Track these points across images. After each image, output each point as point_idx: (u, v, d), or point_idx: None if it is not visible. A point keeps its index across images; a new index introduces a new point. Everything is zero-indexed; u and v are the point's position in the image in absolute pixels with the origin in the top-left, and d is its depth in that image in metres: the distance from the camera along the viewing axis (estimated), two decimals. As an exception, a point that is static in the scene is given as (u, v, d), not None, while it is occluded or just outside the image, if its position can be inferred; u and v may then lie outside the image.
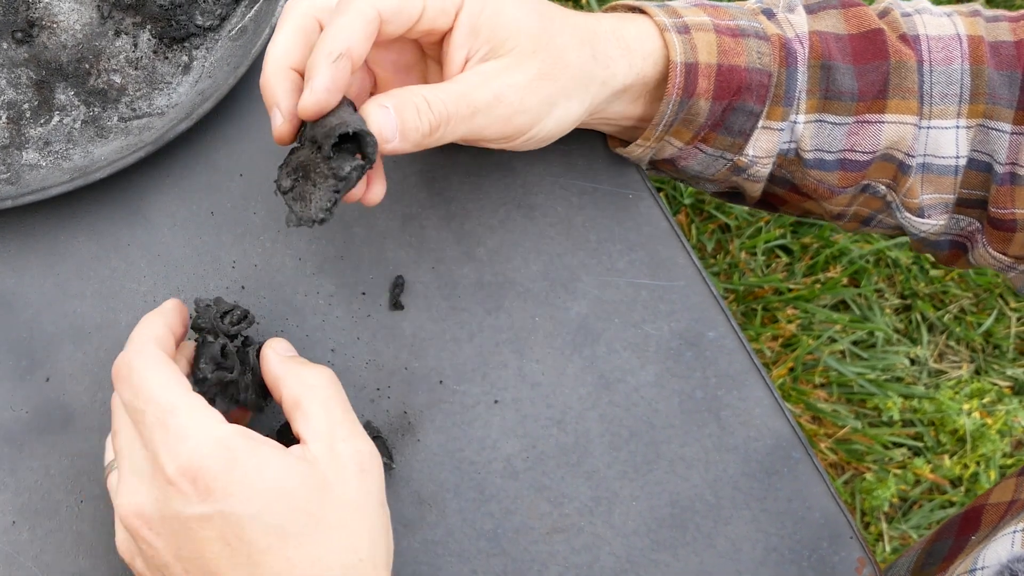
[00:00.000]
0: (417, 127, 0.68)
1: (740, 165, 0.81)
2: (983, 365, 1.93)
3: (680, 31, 0.76)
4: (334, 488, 0.65)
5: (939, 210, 0.83)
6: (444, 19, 0.70)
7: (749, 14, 0.79)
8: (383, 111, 0.67)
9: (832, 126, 0.79)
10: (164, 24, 0.84)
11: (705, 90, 0.76)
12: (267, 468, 0.63)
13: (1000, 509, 0.86)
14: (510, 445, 0.79)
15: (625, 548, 0.78)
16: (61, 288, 0.79)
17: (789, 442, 0.81)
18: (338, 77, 0.66)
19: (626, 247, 0.83)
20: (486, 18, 0.70)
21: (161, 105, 0.83)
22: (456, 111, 0.69)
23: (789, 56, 0.78)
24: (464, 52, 0.71)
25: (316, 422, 0.67)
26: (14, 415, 0.76)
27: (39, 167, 0.80)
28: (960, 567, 0.77)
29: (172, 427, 0.63)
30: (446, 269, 0.81)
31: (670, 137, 0.79)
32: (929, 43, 0.80)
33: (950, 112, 0.80)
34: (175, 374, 0.66)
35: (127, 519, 0.65)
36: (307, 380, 0.68)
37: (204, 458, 0.62)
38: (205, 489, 0.62)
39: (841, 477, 1.82)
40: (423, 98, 0.68)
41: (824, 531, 0.80)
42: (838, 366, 1.86)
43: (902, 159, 0.80)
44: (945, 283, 1.95)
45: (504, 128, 0.71)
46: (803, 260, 1.92)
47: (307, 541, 0.63)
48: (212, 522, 0.62)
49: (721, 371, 0.81)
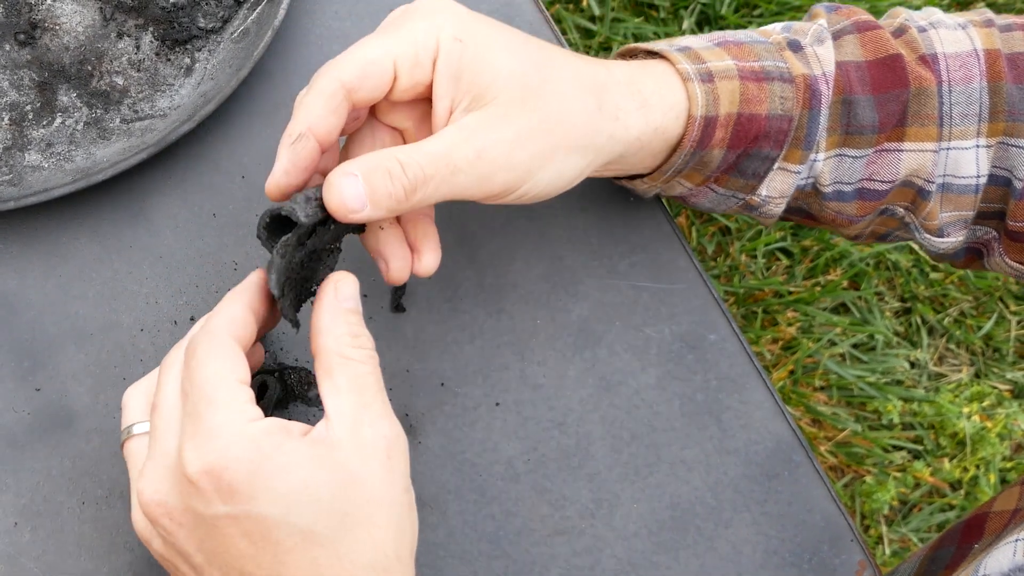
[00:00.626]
0: (390, 193, 0.64)
1: (752, 204, 0.79)
2: (983, 368, 1.93)
3: (704, 79, 0.73)
4: (361, 483, 0.62)
5: (958, 227, 0.83)
6: (421, 72, 0.67)
7: (775, 51, 0.76)
8: (349, 179, 0.64)
9: (852, 159, 0.78)
10: (166, 26, 0.84)
11: (721, 140, 0.74)
12: (295, 469, 0.61)
13: (1004, 517, 0.86)
14: (511, 447, 0.79)
15: (626, 550, 0.78)
16: (63, 289, 0.79)
17: (790, 445, 0.81)
18: (299, 159, 0.65)
19: (627, 250, 0.83)
20: (466, 63, 0.66)
21: (163, 107, 0.83)
22: (435, 172, 0.65)
23: (813, 98, 0.75)
24: (447, 102, 0.67)
25: (344, 400, 0.63)
26: (16, 416, 0.76)
27: (41, 169, 0.80)
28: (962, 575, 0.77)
29: (204, 420, 0.61)
30: (448, 271, 0.81)
31: (680, 179, 0.77)
32: (947, 62, 0.78)
33: (970, 132, 0.78)
34: (232, 365, 0.63)
35: (148, 506, 0.63)
36: (346, 349, 0.64)
37: (230, 459, 0.60)
38: (229, 490, 0.60)
39: (841, 480, 1.83)
40: (397, 162, 0.65)
41: (825, 534, 0.80)
42: (838, 369, 1.86)
43: (922, 185, 0.79)
44: (945, 286, 1.95)
45: (488, 187, 0.67)
46: (803, 263, 1.92)
47: (333, 540, 0.61)
48: (237, 521, 0.61)
49: (722, 374, 0.81)
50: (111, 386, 0.77)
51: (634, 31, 1.97)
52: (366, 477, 0.63)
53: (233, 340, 0.64)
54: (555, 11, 1.98)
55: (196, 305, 0.79)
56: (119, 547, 0.74)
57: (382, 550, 0.63)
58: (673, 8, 2.02)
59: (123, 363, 0.78)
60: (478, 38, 0.67)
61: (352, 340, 0.65)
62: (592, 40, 1.97)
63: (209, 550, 0.62)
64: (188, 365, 0.64)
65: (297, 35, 0.85)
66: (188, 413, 0.62)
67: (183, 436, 0.62)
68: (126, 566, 0.74)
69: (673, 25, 2.00)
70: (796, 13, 2.04)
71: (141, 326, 0.78)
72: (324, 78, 0.66)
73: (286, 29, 0.85)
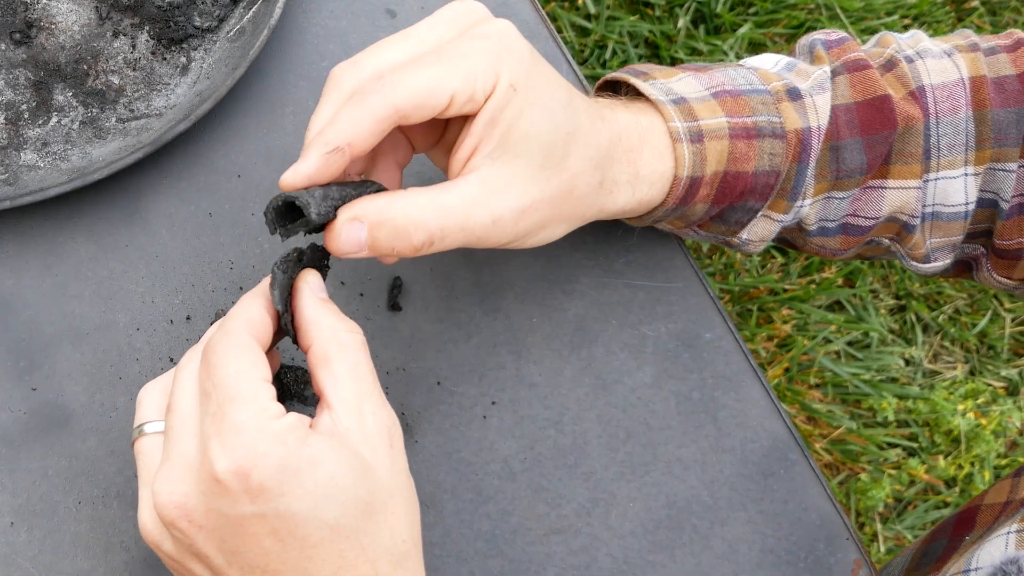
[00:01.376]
0: (392, 247, 0.65)
1: (733, 244, 0.80)
2: (977, 366, 1.94)
3: (693, 140, 0.73)
4: (373, 471, 0.62)
5: (946, 251, 0.83)
6: (472, 107, 0.66)
7: (771, 104, 0.76)
8: (355, 227, 0.65)
9: (839, 201, 0.79)
10: (162, 25, 0.84)
11: (705, 196, 0.75)
12: (321, 464, 0.61)
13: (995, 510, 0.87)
14: (508, 446, 0.79)
15: (622, 549, 0.78)
16: (59, 289, 0.79)
17: (785, 443, 0.81)
18: (329, 169, 0.64)
19: (623, 248, 0.83)
20: (508, 114, 0.66)
21: (159, 106, 0.83)
22: (447, 235, 0.65)
23: (803, 153, 0.75)
24: (475, 141, 0.66)
25: (344, 389, 0.63)
26: (12, 416, 0.76)
27: (37, 168, 0.80)
28: (953, 567, 0.77)
29: (229, 418, 0.60)
30: (444, 270, 0.81)
31: (661, 224, 0.79)
32: (935, 94, 0.78)
33: (958, 162, 0.79)
34: (252, 361, 0.62)
35: (165, 509, 0.62)
36: (340, 337, 0.64)
37: (258, 457, 0.60)
38: (258, 488, 0.60)
39: (836, 477, 1.83)
40: (409, 221, 0.65)
41: (820, 532, 0.80)
42: (833, 367, 1.86)
43: (906, 221, 0.80)
44: (940, 284, 1.95)
45: (492, 242, 0.68)
46: (798, 261, 1.92)
47: (356, 531, 0.62)
48: (265, 519, 0.60)
49: (718, 372, 0.82)
50: (107, 385, 0.77)
51: (630, 29, 1.97)
52: (377, 465, 0.63)
53: (252, 338, 0.64)
54: (551, 9, 1.98)
55: (192, 304, 0.79)
56: (115, 546, 0.74)
57: (399, 535, 0.63)
58: (668, 6, 2.02)
59: (119, 362, 0.78)
60: (530, 91, 0.67)
61: (343, 325, 0.65)
62: (587, 38, 1.97)
63: (230, 551, 0.62)
64: (208, 364, 0.63)
65: (293, 34, 0.85)
66: (211, 412, 0.62)
67: (206, 435, 0.61)
68: (122, 565, 0.74)
69: (668, 23, 2.00)
70: (791, 11, 2.04)
71: (137, 325, 0.78)
72: (378, 98, 0.64)
73: (282, 28, 0.85)
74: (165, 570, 0.75)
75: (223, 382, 0.62)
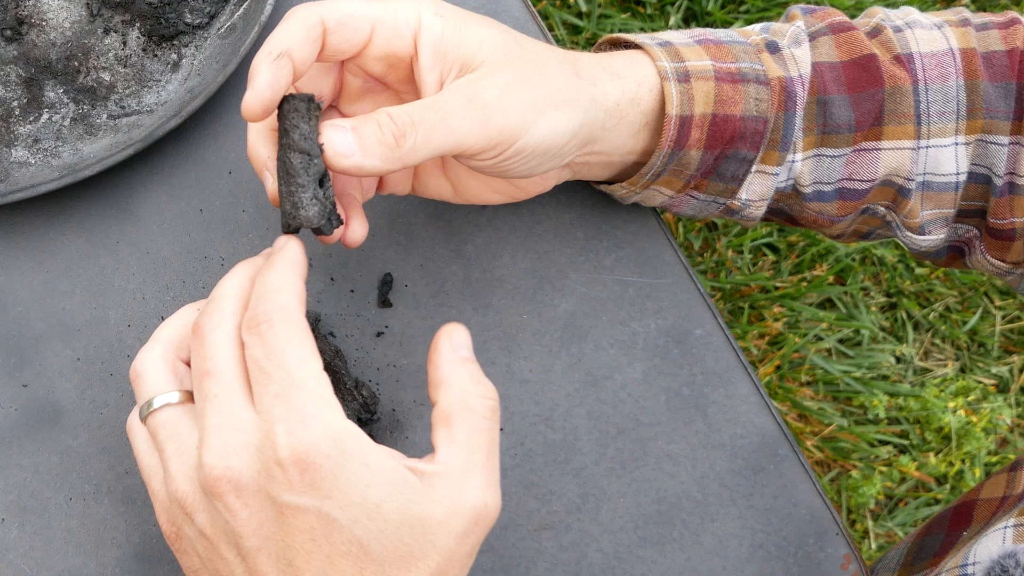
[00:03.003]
0: (379, 139, 0.65)
1: (733, 208, 0.80)
2: (968, 363, 1.94)
3: (680, 79, 0.74)
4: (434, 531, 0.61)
5: (939, 224, 0.83)
6: (400, 41, 0.68)
7: (752, 53, 0.77)
8: (337, 130, 0.65)
9: (830, 159, 0.79)
10: (153, 22, 0.84)
11: (697, 140, 0.75)
12: (372, 484, 0.60)
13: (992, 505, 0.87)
14: (498, 442, 0.79)
15: (612, 545, 0.78)
16: (50, 286, 0.79)
17: (775, 439, 0.81)
18: (279, 75, 0.65)
19: (613, 244, 0.83)
20: (449, 37, 0.68)
21: (150, 103, 0.83)
22: (423, 117, 0.66)
23: (788, 100, 0.76)
24: (436, 74, 0.69)
25: (457, 454, 0.62)
26: (2, 412, 0.76)
27: (28, 165, 0.80)
28: (951, 562, 0.78)
29: (297, 406, 0.60)
30: (434, 266, 0.81)
31: (659, 187, 0.78)
32: (923, 61, 0.79)
33: (948, 130, 0.79)
34: (314, 349, 0.62)
35: (217, 480, 0.61)
36: (470, 401, 0.63)
37: (320, 453, 0.59)
38: (311, 483, 0.59)
39: (827, 475, 1.83)
40: (385, 113, 0.66)
41: (810, 528, 0.80)
42: (824, 364, 1.86)
43: (901, 184, 0.80)
44: (930, 281, 1.96)
45: (486, 131, 0.68)
46: (789, 258, 1.92)
47: (384, 563, 0.61)
48: (307, 514, 0.60)
49: (708, 368, 0.82)
50: (98, 382, 0.77)
51: (621, 27, 1.98)
52: (443, 529, 0.62)
53: (306, 322, 0.63)
54: (542, 7, 1.98)
55: (183, 300, 0.79)
56: (107, 543, 0.75)
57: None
58: (659, 4, 2.02)
59: (110, 359, 0.78)
60: (457, 15, 0.70)
61: (477, 389, 0.64)
62: (579, 36, 1.98)
63: (266, 535, 0.61)
64: (266, 343, 0.61)
65: (284, 31, 0.85)
66: (274, 394, 0.60)
67: (271, 417, 0.60)
68: (114, 561, 0.74)
69: (660, 21, 2.00)
70: (783, 9, 2.05)
71: (128, 322, 0.78)
72: (304, 11, 0.67)
73: (272, 24, 0.85)
74: (155, 566, 0.75)
75: (288, 368, 0.60)
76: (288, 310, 0.62)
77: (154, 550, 0.75)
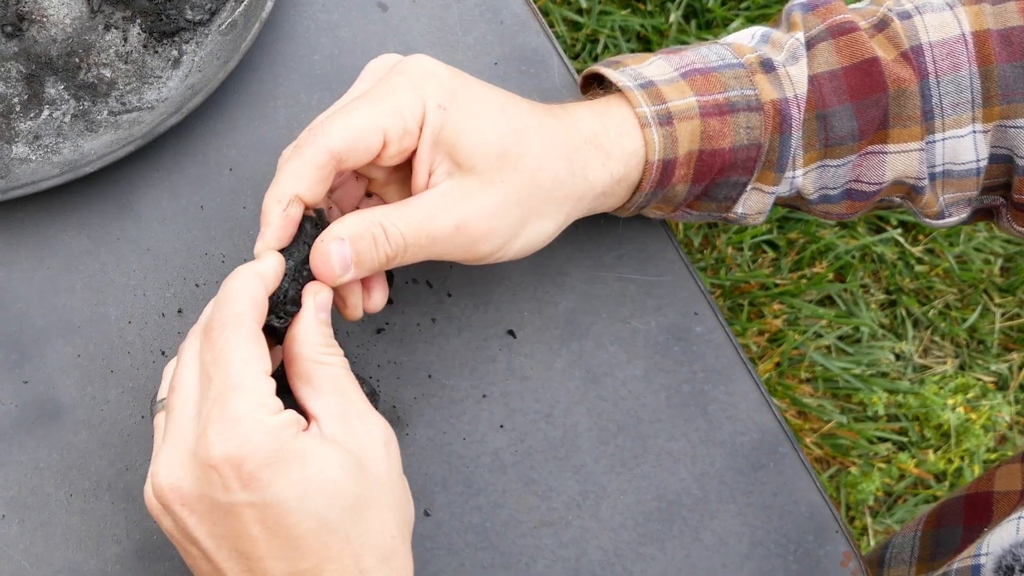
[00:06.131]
0: (373, 258, 0.68)
1: (730, 219, 0.80)
2: (967, 360, 1.94)
3: (662, 122, 0.74)
4: (365, 469, 0.64)
5: (961, 206, 0.82)
6: (410, 140, 0.69)
7: (744, 77, 0.76)
8: (337, 244, 0.67)
9: (835, 168, 0.78)
10: (154, 18, 0.84)
11: (683, 176, 0.75)
12: (310, 459, 0.62)
13: (1012, 498, 0.87)
14: (498, 439, 0.79)
15: (612, 541, 0.78)
16: (51, 282, 0.79)
17: (775, 437, 0.81)
18: (286, 226, 0.68)
19: (614, 242, 0.83)
20: (447, 132, 0.69)
21: (151, 99, 0.83)
22: (415, 241, 0.68)
23: (783, 123, 0.75)
24: (427, 167, 0.70)
25: (328, 401, 0.66)
26: (3, 409, 0.76)
27: (29, 161, 0.80)
28: (964, 553, 0.78)
29: (229, 407, 0.62)
30: (435, 263, 0.81)
31: (649, 211, 0.79)
32: (933, 51, 0.77)
33: (964, 120, 0.78)
34: (259, 352, 0.64)
35: (161, 491, 0.64)
36: (321, 357, 0.67)
37: (252, 447, 0.61)
38: (249, 477, 0.61)
39: (826, 471, 1.83)
40: (381, 228, 0.68)
41: (810, 525, 0.80)
42: (824, 361, 1.86)
43: (913, 184, 0.79)
44: (930, 279, 1.96)
45: (468, 253, 0.70)
46: (789, 255, 1.92)
47: (343, 525, 0.63)
48: (254, 507, 0.62)
49: (708, 366, 0.82)
50: (99, 379, 0.77)
51: (621, 24, 1.98)
52: (367, 462, 0.65)
53: (259, 327, 0.65)
54: (542, 3, 1.98)
55: (184, 297, 0.79)
56: (107, 539, 0.75)
57: (388, 532, 0.65)
58: (660, 1, 2.02)
59: (110, 355, 0.78)
60: (461, 106, 0.69)
61: (326, 348, 0.67)
62: (579, 32, 1.97)
63: (220, 535, 0.63)
64: (213, 347, 0.64)
65: (285, 27, 0.85)
66: (212, 397, 0.63)
67: (205, 420, 0.63)
68: (114, 558, 0.74)
69: (660, 17, 2.00)
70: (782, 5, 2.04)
71: (129, 318, 0.78)
72: (313, 147, 0.67)
73: (274, 21, 0.85)
74: (155, 562, 0.75)
75: (228, 369, 0.63)
76: (240, 316, 0.64)
77: (155, 547, 0.75)
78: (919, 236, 1.96)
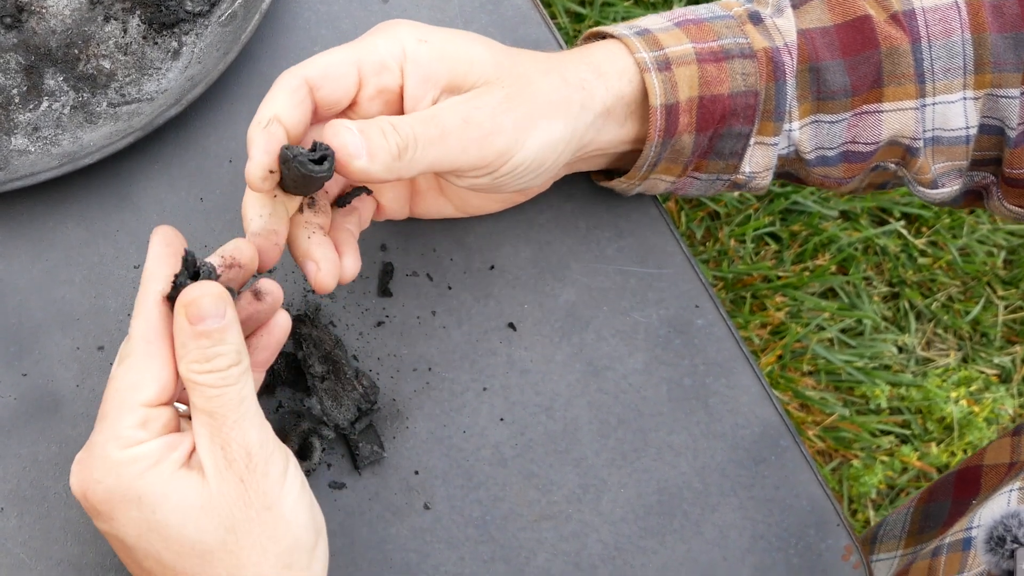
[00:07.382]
0: (384, 146, 0.66)
1: (739, 182, 0.80)
2: (970, 353, 1.94)
3: (661, 68, 0.74)
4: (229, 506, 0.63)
5: (952, 176, 0.82)
6: (389, 76, 0.70)
7: (735, 27, 0.77)
8: (348, 131, 0.66)
9: (829, 124, 0.78)
10: (153, 9, 0.84)
11: (687, 125, 0.75)
12: (147, 500, 0.62)
13: (1000, 471, 0.87)
14: (499, 432, 0.79)
15: (613, 535, 0.78)
16: (49, 274, 0.79)
17: (777, 430, 0.81)
18: (272, 140, 0.66)
19: (615, 234, 0.83)
20: (436, 62, 0.69)
21: (150, 91, 0.83)
22: (424, 132, 0.67)
23: (777, 70, 0.76)
24: (428, 101, 0.70)
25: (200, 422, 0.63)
26: (2, 402, 0.76)
27: (28, 153, 0.80)
28: (956, 526, 0.78)
29: (93, 435, 0.65)
30: (435, 256, 0.81)
31: (659, 175, 0.78)
32: (926, 16, 0.78)
33: (955, 86, 0.78)
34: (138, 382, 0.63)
35: None
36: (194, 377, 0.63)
37: (91, 481, 0.64)
38: (93, 510, 0.64)
39: (829, 464, 1.83)
40: (388, 121, 0.67)
41: (811, 518, 0.80)
42: (826, 354, 1.86)
43: (908, 144, 0.79)
44: (933, 271, 1.95)
45: (482, 151, 0.69)
46: (792, 248, 1.92)
47: (191, 569, 0.63)
48: (108, 535, 0.66)
49: (709, 359, 0.82)
50: (97, 371, 0.77)
51: (624, 15, 1.97)
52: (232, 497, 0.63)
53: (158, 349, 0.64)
54: (544, -5, 1.98)
55: (183, 290, 0.79)
56: (106, 532, 0.75)
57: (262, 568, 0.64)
58: (663, -8, 2.01)
59: (110, 348, 0.77)
60: (441, 37, 0.71)
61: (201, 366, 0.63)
62: (582, 24, 1.97)
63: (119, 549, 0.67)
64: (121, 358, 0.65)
65: (285, 19, 0.85)
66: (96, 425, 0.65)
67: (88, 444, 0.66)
68: (112, 551, 0.74)
69: (664, 9, 2.00)
70: None
71: (128, 311, 0.78)
72: (288, 74, 0.69)
73: (274, 13, 0.85)
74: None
75: (106, 395, 0.65)
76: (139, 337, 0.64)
77: (154, 539, 0.75)
78: (922, 228, 1.95)
